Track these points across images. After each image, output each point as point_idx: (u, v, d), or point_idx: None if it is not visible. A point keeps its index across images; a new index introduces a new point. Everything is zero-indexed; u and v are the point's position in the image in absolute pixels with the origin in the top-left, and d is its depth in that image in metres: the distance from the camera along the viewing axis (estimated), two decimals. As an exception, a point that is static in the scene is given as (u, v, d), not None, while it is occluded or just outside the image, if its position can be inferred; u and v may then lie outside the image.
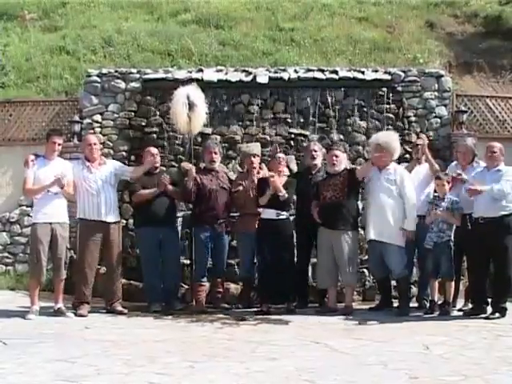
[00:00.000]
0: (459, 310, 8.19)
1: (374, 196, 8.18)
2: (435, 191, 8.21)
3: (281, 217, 8.28)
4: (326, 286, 8.36)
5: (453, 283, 8.03)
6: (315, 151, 8.72)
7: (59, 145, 8.21)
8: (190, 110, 8.48)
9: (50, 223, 7.96)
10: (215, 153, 8.75)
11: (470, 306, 8.22)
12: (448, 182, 8.07)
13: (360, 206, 8.66)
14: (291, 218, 8.64)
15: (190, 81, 10.51)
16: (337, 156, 8.31)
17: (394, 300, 8.44)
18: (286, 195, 8.20)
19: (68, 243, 8.16)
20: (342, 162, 8.40)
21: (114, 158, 10.13)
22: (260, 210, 8.37)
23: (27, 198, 9.50)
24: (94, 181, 8.25)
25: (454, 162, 8.73)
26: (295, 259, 8.59)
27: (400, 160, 8.71)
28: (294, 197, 8.63)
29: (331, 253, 8.15)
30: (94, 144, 8.45)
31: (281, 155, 8.59)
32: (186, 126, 8.57)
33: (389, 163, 8.18)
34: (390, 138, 8.37)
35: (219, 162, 8.96)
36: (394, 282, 8.51)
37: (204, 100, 8.72)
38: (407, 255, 8.19)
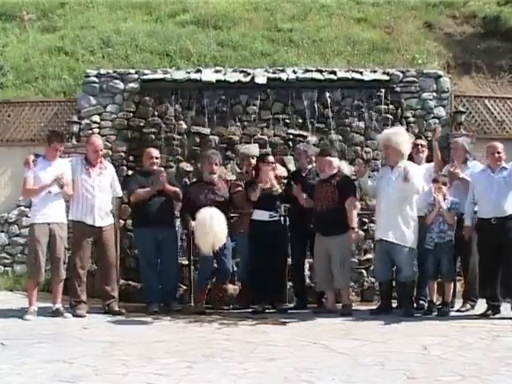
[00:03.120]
0: (457, 311, 8.20)
1: (384, 194, 8.07)
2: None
3: (273, 218, 8.31)
4: (323, 290, 8.35)
5: (452, 284, 8.04)
6: (307, 156, 8.73)
7: (60, 151, 8.22)
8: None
9: (49, 223, 7.95)
10: (216, 164, 8.71)
11: (469, 306, 8.25)
12: (445, 184, 8.07)
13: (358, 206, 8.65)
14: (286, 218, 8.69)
15: (188, 81, 10.59)
16: (326, 162, 8.24)
17: (393, 301, 8.44)
18: (280, 190, 8.25)
19: (66, 243, 8.15)
20: (332, 167, 8.27)
21: (112, 159, 10.13)
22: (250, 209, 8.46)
23: (26, 198, 9.48)
24: (91, 185, 8.21)
25: (448, 165, 8.77)
26: (289, 260, 8.61)
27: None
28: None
29: (327, 257, 8.14)
30: (101, 150, 8.41)
31: (271, 159, 8.60)
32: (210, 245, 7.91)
33: (399, 161, 8.10)
34: (399, 138, 8.19)
35: (218, 174, 8.91)
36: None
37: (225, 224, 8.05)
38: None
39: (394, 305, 8.32)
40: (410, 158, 8.64)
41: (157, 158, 8.83)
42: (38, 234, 7.91)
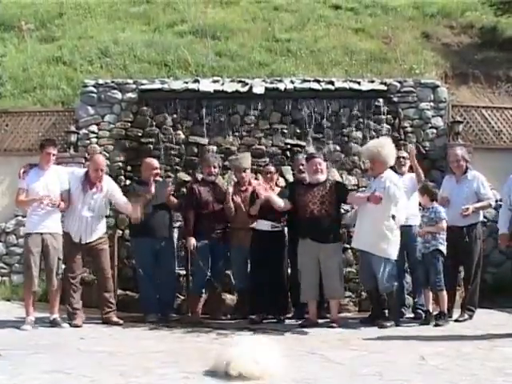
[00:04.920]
0: (455, 321, 8.19)
1: (363, 205, 7.96)
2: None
3: (275, 229, 8.30)
4: (309, 299, 8.11)
5: (445, 293, 8.03)
6: (302, 165, 8.70)
7: (54, 155, 8.18)
8: None
9: (41, 234, 7.93)
10: (214, 167, 8.77)
11: (467, 316, 8.25)
12: (432, 194, 8.11)
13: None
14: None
15: (186, 91, 10.59)
16: (320, 164, 8.14)
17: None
18: (283, 204, 8.17)
19: (60, 254, 8.11)
20: (325, 170, 8.23)
21: (110, 169, 10.13)
22: (253, 223, 8.46)
23: (19, 209, 9.51)
24: (84, 202, 8.15)
25: (447, 176, 8.78)
26: (289, 270, 8.58)
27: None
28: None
29: (316, 265, 7.98)
30: (101, 170, 8.31)
31: (272, 169, 8.61)
32: None
33: (383, 172, 8.01)
34: (386, 150, 8.06)
35: (218, 176, 8.98)
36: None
37: None
38: (397, 266, 8.07)
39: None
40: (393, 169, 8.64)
41: (157, 168, 8.86)
42: (31, 244, 7.88)
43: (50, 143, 8.27)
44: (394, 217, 7.72)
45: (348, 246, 9.03)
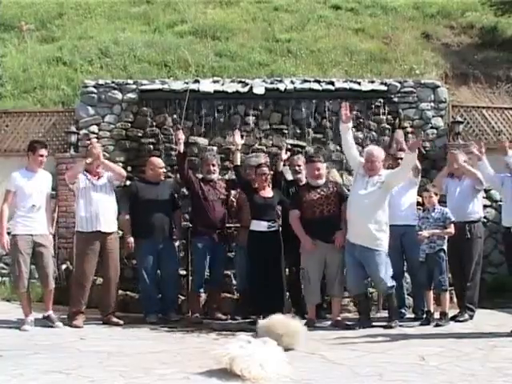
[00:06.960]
0: (455, 321, 8.18)
1: (355, 200, 7.84)
2: (423, 204, 8.27)
3: (272, 229, 8.28)
4: (317, 302, 8.13)
5: (447, 294, 8.03)
6: (299, 166, 8.72)
7: (46, 157, 8.17)
8: None
9: (31, 235, 7.90)
10: (213, 165, 8.79)
11: (467, 316, 8.24)
12: (436, 194, 8.10)
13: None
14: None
15: (186, 91, 10.58)
16: (319, 169, 8.15)
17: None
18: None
19: (53, 254, 8.07)
20: (324, 174, 8.26)
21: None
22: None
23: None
24: (94, 191, 8.18)
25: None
26: (287, 270, 8.57)
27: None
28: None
29: (321, 265, 8.00)
30: (98, 158, 8.32)
31: (265, 169, 8.56)
32: None
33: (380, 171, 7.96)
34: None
35: (217, 174, 8.98)
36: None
37: None
38: (396, 267, 8.06)
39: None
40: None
41: (163, 167, 8.92)
42: (21, 246, 7.83)
43: (41, 145, 8.18)
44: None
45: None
